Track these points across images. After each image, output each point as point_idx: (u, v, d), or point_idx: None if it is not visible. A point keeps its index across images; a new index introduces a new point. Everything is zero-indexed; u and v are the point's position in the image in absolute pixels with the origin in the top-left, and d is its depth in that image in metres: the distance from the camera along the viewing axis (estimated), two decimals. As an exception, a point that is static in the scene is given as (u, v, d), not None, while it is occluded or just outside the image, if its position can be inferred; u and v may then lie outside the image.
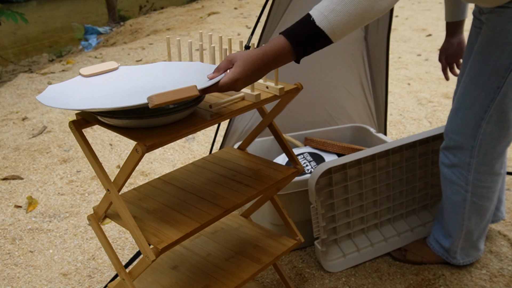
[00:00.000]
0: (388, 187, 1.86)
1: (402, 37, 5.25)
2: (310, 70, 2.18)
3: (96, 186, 2.46)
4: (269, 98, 1.21)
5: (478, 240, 1.74)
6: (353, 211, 1.82)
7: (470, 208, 1.62)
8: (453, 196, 1.64)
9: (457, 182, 1.60)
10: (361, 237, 1.87)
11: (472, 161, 1.54)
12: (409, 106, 3.37)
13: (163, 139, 1.01)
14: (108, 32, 7.72)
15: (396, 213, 1.91)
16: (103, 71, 1.26)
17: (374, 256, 1.84)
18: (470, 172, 1.56)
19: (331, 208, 1.77)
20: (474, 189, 1.58)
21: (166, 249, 1.07)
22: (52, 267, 1.89)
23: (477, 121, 1.48)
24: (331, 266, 1.79)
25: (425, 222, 1.95)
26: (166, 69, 1.26)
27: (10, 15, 4.87)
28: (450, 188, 1.64)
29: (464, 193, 1.60)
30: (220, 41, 1.30)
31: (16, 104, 3.70)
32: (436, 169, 1.93)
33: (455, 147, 1.57)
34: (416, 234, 1.91)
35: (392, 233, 1.89)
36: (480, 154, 1.53)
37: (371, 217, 1.88)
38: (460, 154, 1.56)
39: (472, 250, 1.76)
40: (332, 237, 1.81)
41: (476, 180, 1.57)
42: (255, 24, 1.91)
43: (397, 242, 1.88)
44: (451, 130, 1.57)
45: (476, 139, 1.51)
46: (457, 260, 1.76)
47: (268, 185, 1.30)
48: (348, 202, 1.79)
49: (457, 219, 1.66)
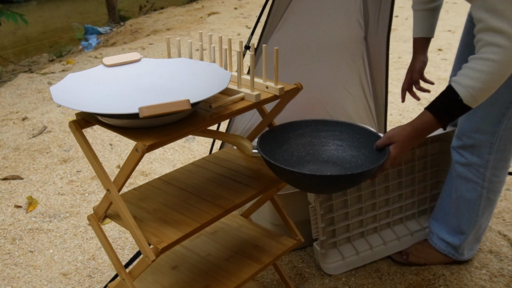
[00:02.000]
0: (387, 190, 1.86)
1: (402, 37, 5.25)
2: (310, 70, 2.17)
3: (96, 186, 2.46)
4: (269, 98, 1.21)
5: (482, 233, 1.77)
6: (352, 213, 1.82)
7: (485, 204, 1.64)
8: (468, 194, 1.65)
9: (473, 179, 1.61)
10: (361, 241, 1.86)
11: (490, 158, 1.55)
12: (409, 106, 3.37)
13: (163, 139, 1.01)
14: (108, 32, 7.72)
15: (395, 217, 1.91)
16: (125, 62, 1.27)
17: (373, 259, 1.84)
18: (487, 169, 1.57)
19: (330, 210, 1.77)
20: (490, 185, 1.60)
21: (166, 249, 1.07)
22: (52, 267, 1.89)
23: (498, 117, 1.50)
24: (330, 269, 1.79)
25: (424, 226, 1.94)
26: (184, 67, 1.26)
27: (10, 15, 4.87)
28: (465, 186, 1.64)
29: (480, 190, 1.61)
30: (220, 41, 1.30)
31: (16, 104, 3.70)
32: (435, 173, 1.93)
33: (473, 146, 1.57)
34: (416, 238, 1.91)
35: (391, 237, 1.89)
36: (499, 150, 1.54)
37: (370, 220, 1.87)
38: (478, 151, 1.57)
39: (475, 244, 1.78)
40: (331, 240, 1.81)
41: (493, 176, 1.59)
42: (255, 24, 1.91)
43: (397, 246, 1.88)
44: (469, 129, 1.57)
45: (496, 135, 1.52)
46: (464, 256, 1.77)
47: (268, 185, 1.30)
48: (347, 204, 1.79)
49: (471, 216, 1.67)
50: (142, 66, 1.28)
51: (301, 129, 1.40)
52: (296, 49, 2.09)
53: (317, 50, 2.14)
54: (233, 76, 1.32)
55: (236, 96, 1.19)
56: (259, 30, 2.01)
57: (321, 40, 2.12)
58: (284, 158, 1.35)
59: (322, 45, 2.14)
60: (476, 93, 1.20)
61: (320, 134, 1.40)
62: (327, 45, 2.15)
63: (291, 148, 1.37)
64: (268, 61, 2.01)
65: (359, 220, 1.84)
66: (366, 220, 1.86)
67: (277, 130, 1.36)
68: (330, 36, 2.13)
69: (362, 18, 2.16)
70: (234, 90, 1.22)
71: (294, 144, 1.38)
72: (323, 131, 1.40)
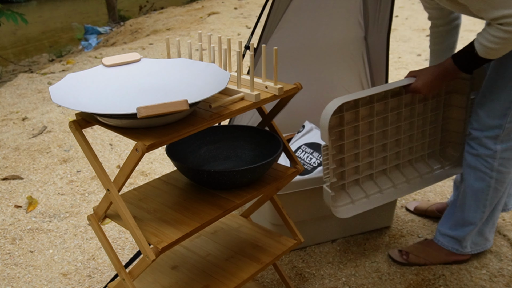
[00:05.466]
0: (399, 130, 1.81)
1: (402, 37, 5.25)
2: (310, 70, 2.18)
3: (96, 186, 2.46)
4: (268, 98, 1.21)
5: (486, 228, 1.76)
6: (363, 154, 1.76)
7: (493, 195, 1.66)
8: (476, 183, 1.67)
9: (482, 169, 1.64)
10: (369, 183, 1.81)
11: (497, 148, 1.59)
12: (409, 106, 3.37)
13: (163, 139, 1.01)
14: (108, 32, 7.72)
15: (405, 159, 1.87)
16: (125, 62, 1.27)
17: (382, 202, 1.79)
18: (495, 159, 1.61)
19: (340, 151, 1.71)
20: (499, 175, 1.63)
21: (166, 248, 1.07)
22: (52, 267, 1.89)
23: (504, 110, 1.54)
24: (340, 212, 1.72)
25: (434, 168, 1.91)
26: (184, 68, 1.26)
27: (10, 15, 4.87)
28: (474, 175, 1.67)
29: (489, 180, 1.64)
30: (219, 41, 1.30)
31: (16, 104, 3.70)
32: (448, 112, 1.89)
33: (481, 138, 1.61)
34: (425, 180, 1.88)
35: (401, 179, 1.85)
36: (505, 141, 1.58)
37: (379, 162, 1.82)
38: (485, 143, 1.60)
39: (479, 238, 1.78)
40: (340, 182, 1.76)
41: (501, 166, 1.61)
42: (255, 24, 1.91)
43: (406, 189, 1.83)
44: (476, 122, 1.61)
45: (502, 127, 1.56)
46: (467, 250, 1.77)
47: (268, 185, 1.30)
48: (358, 144, 1.73)
49: (478, 206, 1.69)
50: (141, 66, 1.28)
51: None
52: (296, 49, 2.09)
53: (317, 50, 2.14)
54: (232, 76, 1.32)
55: (235, 96, 1.19)
56: (259, 30, 2.01)
57: (321, 40, 2.12)
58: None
59: (322, 45, 2.14)
60: (490, 51, 1.43)
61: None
62: (327, 45, 2.15)
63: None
64: (268, 61, 2.01)
65: (368, 161, 1.79)
66: (376, 162, 1.81)
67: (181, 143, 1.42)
68: (330, 36, 2.14)
69: (362, 18, 2.16)
70: (233, 90, 1.22)
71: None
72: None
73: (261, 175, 1.30)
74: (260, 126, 1.45)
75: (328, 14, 2.05)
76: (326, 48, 2.15)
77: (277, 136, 1.36)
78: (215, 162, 1.42)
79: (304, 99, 2.18)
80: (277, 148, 1.32)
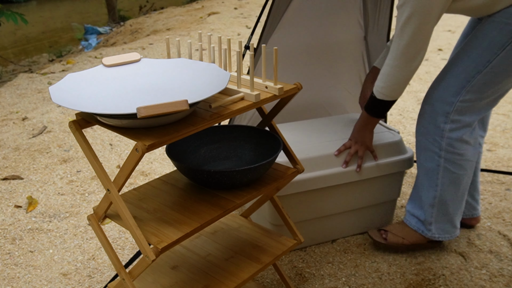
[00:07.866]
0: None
1: (402, 37, 5.24)
2: (310, 70, 2.18)
3: (96, 186, 2.46)
4: (268, 98, 1.22)
5: (454, 214, 1.75)
6: None
7: (444, 175, 1.67)
8: (426, 163, 1.69)
9: (431, 148, 1.66)
10: None
11: (445, 127, 1.61)
12: (409, 106, 3.37)
13: (163, 139, 1.01)
14: (108, 32, 7.72)
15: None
16: (125, 62, 1.27)
17: None
18: (443, 138, 1.62)
19: None
20: (447, 155, 1.64)
21: (166, 248, 1.07)
22: (52, 267, 1.89)
23: (459, 89, 1.57)
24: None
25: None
26: (184, 68, 1.26)
27: (10, 15, 4.87)
28: (424, 155, 1.69)
29: (437, 159, 1.65)
30: (219, 41, 1.30)
31: (16, 104, 3.70)
32: None
33: (431, 113, 1.63)
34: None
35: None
36: (454, 121, 1.60)
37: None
38: (435, 120, 1.62)
39: (448, 226, 1.77)
40: None
41: (448, 146, 1.62)
42: (255, 24, 1.91)
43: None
44: (432, 96, 1.64)
45: (452, 105, 1.58)
46: (432, 233, 1.77)
47: (268, 185, 1.30)
48: None
49: (430, 185, 1.70)
50: (141, 66, 1.29)
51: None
52: (296, 49, 2.09)
53: (317, 50, 2.14)
54: (232, 76, 1.32)
55: (235, 96, 1.19)
56: (259, 30, 2.01)
57: (321, 40, 2.12)
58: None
59: (322, 45, 2.14)
60: (381, 90, 1.58)
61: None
62: (327, 45, 2.15)
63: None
64: (268, 61, 2.01)
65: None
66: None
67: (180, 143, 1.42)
68: (330, 36, 2.14)
69: (362, 18, 2.16)
70: (233, 90, 1.22)
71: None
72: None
73: (261, 175, 1.30)
74: (260, 126, 1.45)
75: (328, 14, 2.06)
76: (326, 48, 2.15)
77: (277, 136, 1.36)
78: (215, 162, 1.42)
79: (304, 99, 2.18)
80: (277, 148, 1.32)
